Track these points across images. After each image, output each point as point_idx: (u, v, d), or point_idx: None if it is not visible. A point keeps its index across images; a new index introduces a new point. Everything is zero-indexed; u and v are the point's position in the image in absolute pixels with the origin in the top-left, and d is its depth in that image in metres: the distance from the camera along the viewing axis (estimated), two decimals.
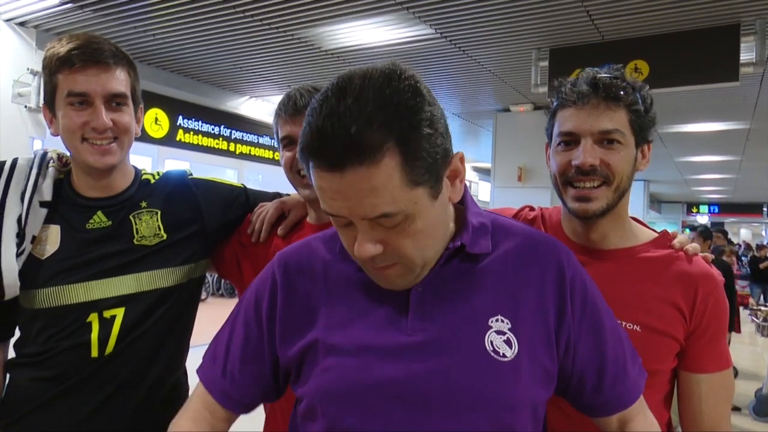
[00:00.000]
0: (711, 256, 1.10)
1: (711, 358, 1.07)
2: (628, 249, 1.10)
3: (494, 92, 6.85)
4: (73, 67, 1.15)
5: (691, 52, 4.26)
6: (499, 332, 0.79)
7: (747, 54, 4.26)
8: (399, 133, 0.67)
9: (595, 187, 1.05)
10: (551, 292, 0.82)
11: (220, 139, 7.02)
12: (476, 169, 13.99)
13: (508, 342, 0.78)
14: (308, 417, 0.83)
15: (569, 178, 1.07)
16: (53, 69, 1.17)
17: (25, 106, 5.19)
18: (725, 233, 7.19)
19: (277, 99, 7.91)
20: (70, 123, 1.18)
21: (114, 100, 1.19)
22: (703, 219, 23.94)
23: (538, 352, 0.80)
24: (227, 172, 7.38)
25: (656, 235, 1.14)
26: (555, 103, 1.09)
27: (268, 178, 7.74)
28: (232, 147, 7.20)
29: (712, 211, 23.61)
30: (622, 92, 1.03)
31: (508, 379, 0.77)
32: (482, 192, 13.25)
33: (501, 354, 0.77)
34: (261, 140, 7.63)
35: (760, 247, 7.11)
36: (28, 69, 5.12)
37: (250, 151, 7.46)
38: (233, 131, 7.21)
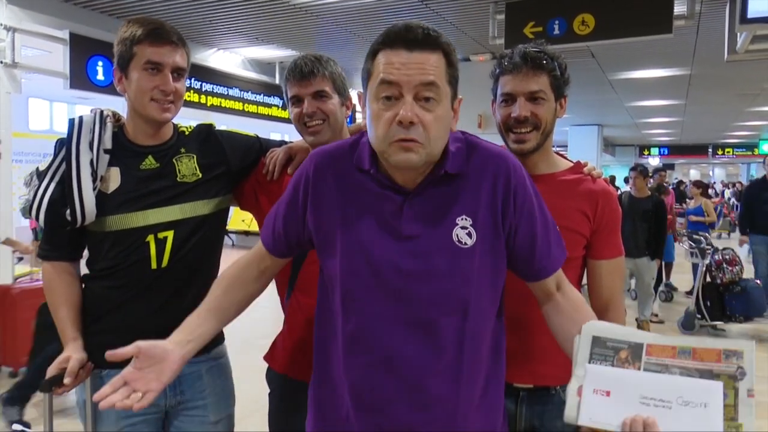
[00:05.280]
0: (608, 178, 1.55)
1: (608, 248, 1.51)
2: (551, 174, 1.52)
3: (455, 43, 7.03)
4: (153, 42, 1.47)
5: (630, 6, 4.66)
6: (463, 227, 1.11)
7: (680, 7, 4.70)
8: (445, 50, 1.08)
9: (528, 132, 1.44)
10: (500, 194, 1.13)
11: (191, 91, 7.05)
12: None
13: (469, 234, 1.11)
14: (329, 284, 1.18)
15: (510, 126, 1.46)
16: (134, 41, 1.48)
17: (1, 62, 5.18)
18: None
19: (245, 51, 7.97)
20: (143, 85, 1.49)
21: (177, 72, 1.52)
22: (654, 161, 24.71)
23: (489, 237, 1.13)
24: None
25: (572, 164, 1.56)
26: (497, 71, 1.48)
27: (238, 129, 7.85)
28: (202, 99, 7.26)
29: (662, 153, 24.27)
30: (544, 62, 1.42)
31: (466, 259, 1.11)
32: None
33: (463, 243, 1.11)
34: (231, 92, 7.67)
35: (680, 182, 7.81)
36: (1, 24, 5.10)
37: (220, 103, 7.52)
38: (203, 83, 7.25)
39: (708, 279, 5.75)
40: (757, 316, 5.53)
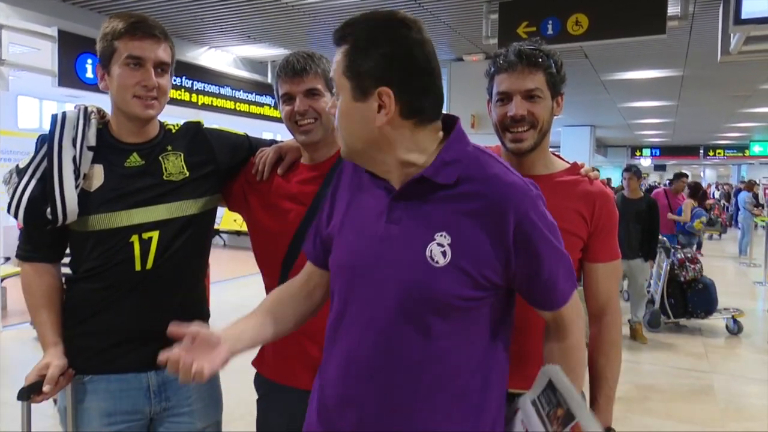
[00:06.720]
0: (605, 180, 1.52)
1: (604, 251, 1.48)
2: (548, 175, 1.48)
3: (448, 42, 7.06)
4: (134, 36, 1.43)
5: (624, 7, 4.66)
6: (440, 245, 1.04)
7: (673, 8, 4.70)
8: (350, 44, 1.08)
9: (525, 131, 1.41)
10: (498, 228, 1.03)
11: (182, 90, 7.01)
12: None
13: (443, 253, 1.03)
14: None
15: (506, 125, 1.43)
16: (115, 36, 1.44)
17: None
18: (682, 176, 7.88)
19: (237, 49, 7.95)
20: (125, 81, 1.45)
21: (160, 67, 1.48)
22: (646, 162, 24.89)
23: (469, 262, 1.03)
24: None
25: (568, 165, 1.53)
26: (492, 70, 1.45)
27: (229, 128, 7.81)
28: (194, 98, 7.21)
29: (654, 154, 24.42)
30: (540, 60, 1.39)
31: (434, 278, 1.03)
32: None
33: (435, 261, 1.03)
34: (222, 90, 7.63)
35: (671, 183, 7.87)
36: None
37: (211, 101, 7.48)
38: (194, 82, 7.21)
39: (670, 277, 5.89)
40: (715, 311, 5.83)
